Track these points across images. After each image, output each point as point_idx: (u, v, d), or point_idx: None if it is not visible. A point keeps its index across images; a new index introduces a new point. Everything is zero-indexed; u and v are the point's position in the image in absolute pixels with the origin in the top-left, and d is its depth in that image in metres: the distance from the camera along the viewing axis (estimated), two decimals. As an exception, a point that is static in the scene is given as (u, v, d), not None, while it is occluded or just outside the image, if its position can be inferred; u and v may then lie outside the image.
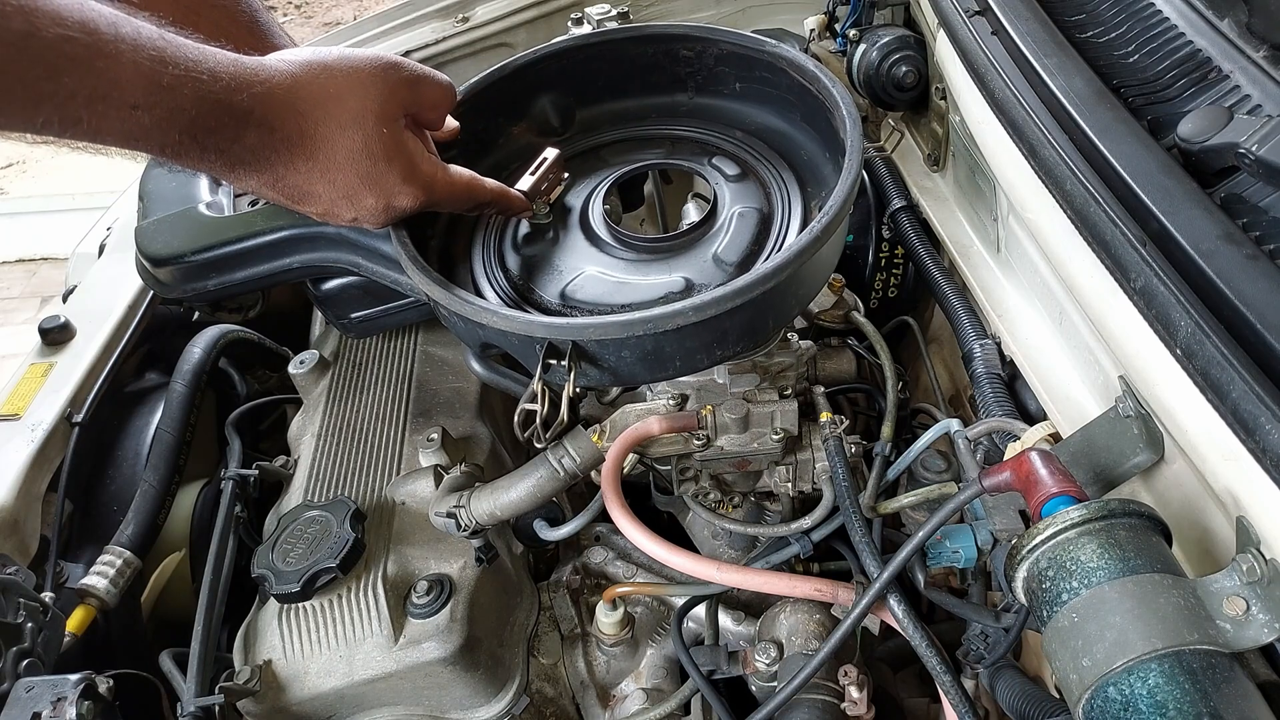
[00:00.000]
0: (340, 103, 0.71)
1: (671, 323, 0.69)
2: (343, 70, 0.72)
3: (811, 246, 0.72)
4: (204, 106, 0.64)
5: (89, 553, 1.03)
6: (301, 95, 0.70)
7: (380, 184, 0.75)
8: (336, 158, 0.72)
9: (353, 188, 0.74)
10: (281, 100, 0.69)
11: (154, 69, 0.61)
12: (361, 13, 5.83)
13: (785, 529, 0.90)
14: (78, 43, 0.57)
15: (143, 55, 0.60)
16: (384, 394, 1.10)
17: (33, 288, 3.86)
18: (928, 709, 0.92)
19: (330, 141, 0.72)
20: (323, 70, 0.71)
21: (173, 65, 0.62)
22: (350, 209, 0.76)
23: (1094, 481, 0.72)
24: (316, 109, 0.70)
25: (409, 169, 0.76)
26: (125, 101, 0.60)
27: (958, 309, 1.07)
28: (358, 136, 0.72)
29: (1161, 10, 0.90)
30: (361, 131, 0.72)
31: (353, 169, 0.73)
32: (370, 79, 0.73)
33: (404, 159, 0.76)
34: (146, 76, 0.60)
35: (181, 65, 0.62)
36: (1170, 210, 0.69)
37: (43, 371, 1.16)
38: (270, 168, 0.71)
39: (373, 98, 0.73)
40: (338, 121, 0.71)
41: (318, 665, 0.85)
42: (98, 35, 0.58)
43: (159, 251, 1.01)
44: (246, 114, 0.67)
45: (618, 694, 0.99)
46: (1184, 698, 0.50)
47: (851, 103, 0.82)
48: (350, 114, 0.72)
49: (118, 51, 0.59)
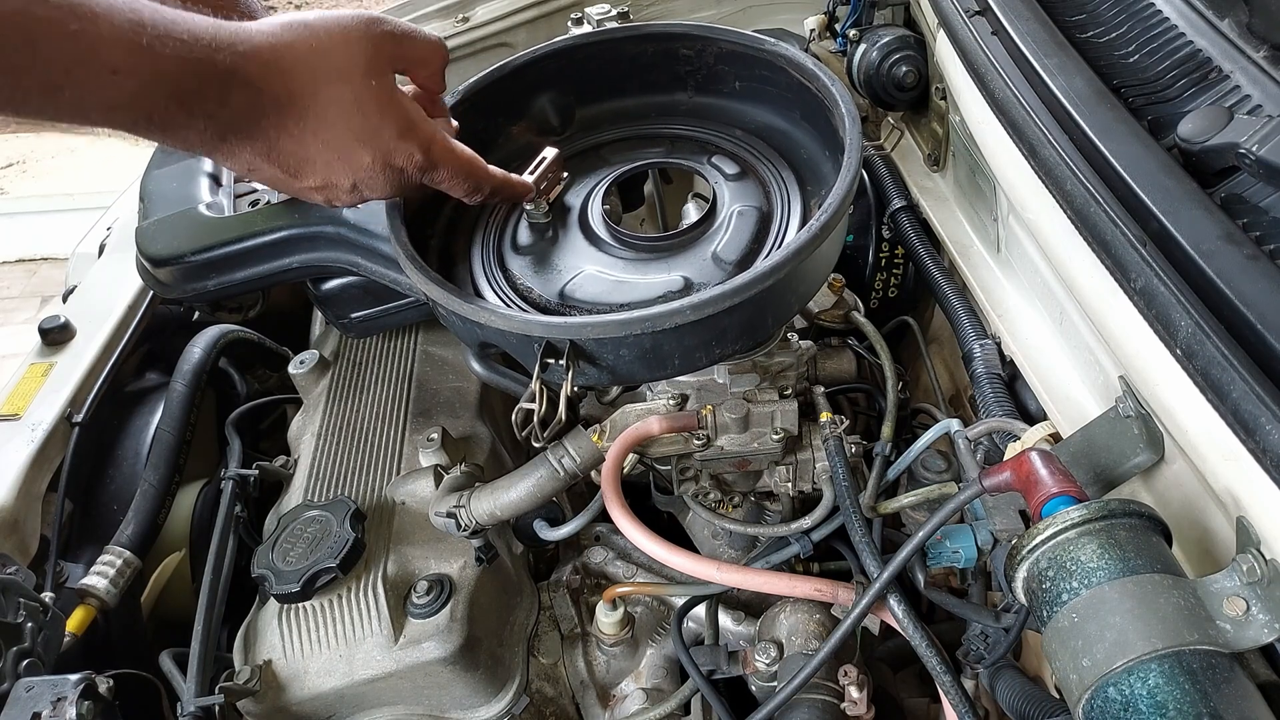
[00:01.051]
0: (325, 57, 0.70)
1: (670, 321, 0.69)
2: (325, 27, 0.70)
3: (810, 244, 0.71)
4: (186, 67, 0.62)
5: (89, 553, 1.03)
6: (284, 54, 0.68)
7: (375, 139, 0.73)
8: (328, 114, 0.71)
9: (347, 145, 0.72)
10: (266, 59, 0.67)
11: (132, 29, 0.59)
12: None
13: (785, 529, 0.90)
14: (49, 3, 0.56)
15: (119, 17, 0.59)
16: (384, 394, 1.10)
17: (33, 288, 3.86)
18: (928, 709, 0.92)
19: (318, 97, 0.70)
20: (305, 28, 0.70)
21: (151, 27, 0.61)
22: (348, 173, 0.74)
23: (1094, 481, 0.72)
24: (301, 65, 0.69)
25: (404, 123, 0.74)
26: (105, 65, 0.59)
27: (958, 309, 1.07)
28: (346, 90, 0.70)
29: (1161, 10, 0.90)
30: (350, 85, 0.70)
31: (345, 124, 0.71)
32: (354, 33, 0.71)
33: (397, 112, 0.73)
34: (125, 38, 0.59)
35: (160, 27, 0.61)
36: (1170, 210, 0.69)
37: (43, 371, 1.16)
38: (262, 134, 0.69)
39: (358, 51, 0.71)
40: (324, 76, 0.69)
41: (318, 665, 0.85)
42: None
43: (159, 252, 1.01)
44: (230, 73, 0.65)
45: (618, 694, 0.99)
46: (1184, 698, 0.50)
47: (851, 101, 0.82)
48: (336, 68, 0.70)
49: (92, 13, 0.58)
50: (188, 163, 1.14)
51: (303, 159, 0.72)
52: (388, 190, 0.77)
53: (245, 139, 0.69)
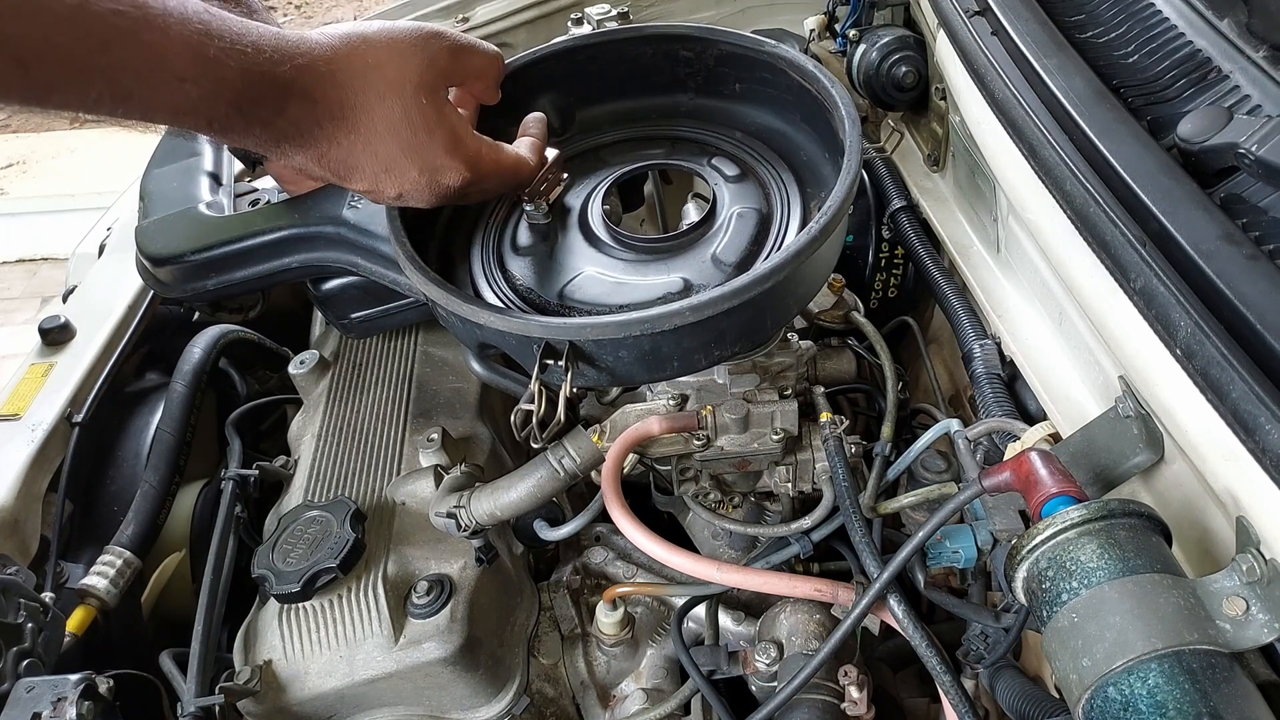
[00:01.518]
0: (379, 72, 0.71)
1: (669, 323, 0.69)
2: (382, 40, 0.72)
3: (809, 247, 0.71)
4: (249, 79, 0.64)
5: (89, 553, 1.03)
6: (341, 66, 0.70)
7: (423, 156, 0.74)
8: (377, 128, 0.72)
9: (394, 159, 0.74)
10: (322, 72, 0.69)
11: (200, 41, 0.61)
12: (361, 12, 5.84)
13: (785, 529, 0.90)
14: (127, 15, 0.58)
15: (189, 28, 0.61)
16: (384, 394, 1.10)
17: (33, 288, 3.86)
18: (928, 709, 0.92)
19: (370, 111, 0.71)
20: (361, 41, 0.71)
21: (218, 38, 0.62)
22: (394, 184, 0.75)
23: (1094, 481, 0.72)
24: (356, 79, 0.70)
25: (453, 142, 0.75)
26: (174, 74, 0.61)
27: (958, 309, 1.07)
28: (397, 106, 0.72)
29: (1161, 10, 0.90)
30: (401, 101, 0.72)
31: (394, 139, 0.73)
32: (410, 47, 0.73)
33: (447, 131, 0.75)
34: (193, 49, 0.61)
35: (226, 38, 0.63)
36: (1170, 210, 0.69)
37: (43, 371, 1.16)
38: (315, 142, 0.71)
39: (412, 66, 0.72)
40: (377, 91, 0.71)
41: (318, 665, 0.85)
42: (146, 8, 0.59)
43: (159, 251, 1.01)
44: (289, 85, 0.67)
45: (618, 694, 0.99)
46: (1184, 698, 0.50)
47: (851, 103, 0.82)
48: (389, 83, 0.71)
49: (165, 24, 0.60)
50: (188, 162, 1.14)
51: (351, 166, 0.73)
52: (433, 201, 0.78)
53: (299, 146, 0.71)
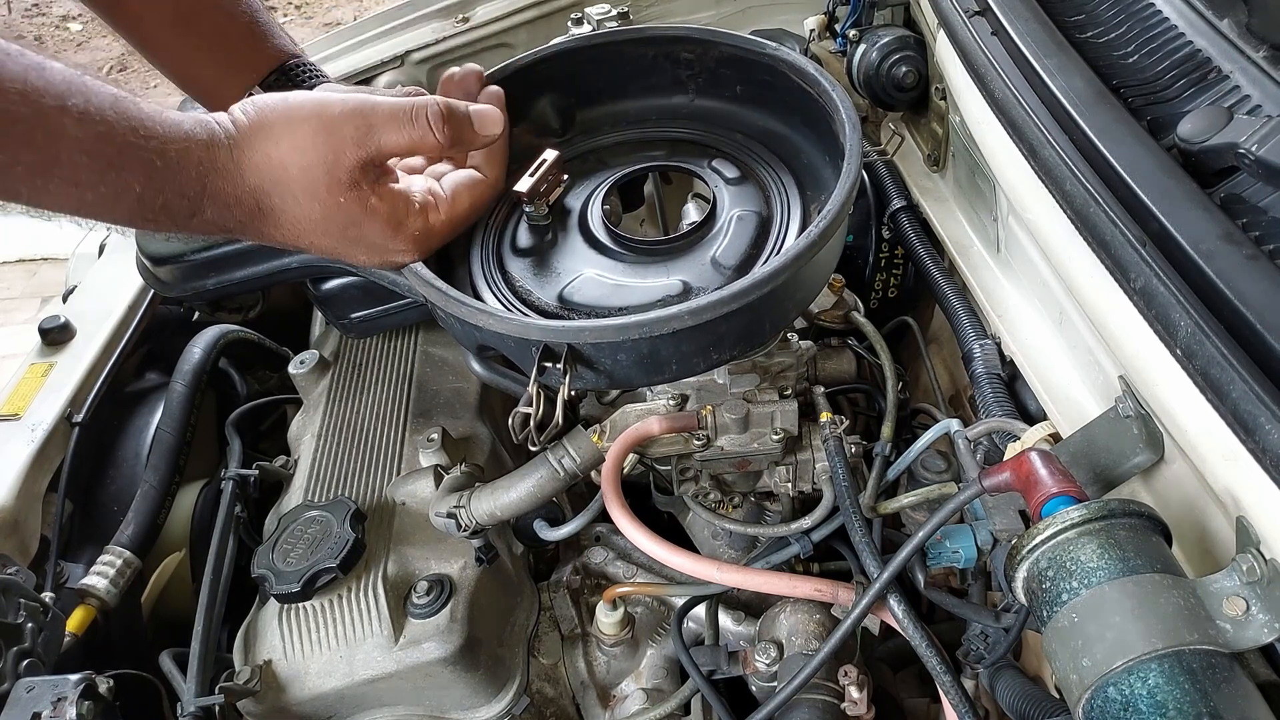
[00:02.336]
0: (286, 172, 0.66)
1: (667, 326, 0.69)
2: (284, 134, 0.66)
3: (808, 251, 0.71)
4: (153, 186, 0.60)
5: (89, 553, 1.03)
6: (248, 168, 0.65)
7: (363, 244, 0.71)
8: (302, 228, 0.68)
9: (337, 249, 0.71)
10: (230, 175, 0.64)
11: (99, 147, 0.57)
12: (361, 13, 5.83)
13: (785, 529, 0.90)
14: (17, 115, 0.54)
15: (88, 132, 0.57)
16: (384, 394, 1.10)
17: (33, 288, 3.86)
18: (928, 709, 0.92)
19: (290, 215, 0.67)
20: (265, 134, 0.66)
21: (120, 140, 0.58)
22: (352, 260, 0.73)
23: (1094, 481, 0.72)
24: (265, 182, 0.66)
25: (391, 228, 0.71)
26: (67, 179, 0.57)
27: (958, 309, 1.07)
28: (315, 208, 0.67)
29: (1161, 10, 0.90)
30: (317, 203, 0.67)
31: (326, 236, 0.69)
32: (311, 144, 0.66)
33: (379, 221, 0.70)
34: (90, 154, 0.57)
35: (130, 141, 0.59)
36: (1170, 210, 0.69)
37: (43, 371, 1.16)
38: (246, 233, 0.68)
39: (317, 166, 0.66)
40: (290, 193, 0.66)
41: (318, 665, 0.85)
42: (40, 106, 0.55)
43: (159, 250, 1.01)
44: (199, 192, 0.63)
45: (618, 694, 0.99)
46: (1184, 698, 0.50)
47: (851, 107, 0.82)
48: (299, 185, 0.66)
49: (61, 126, 0.56)
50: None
51: (300, 246, 0.71)
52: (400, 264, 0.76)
53: (232, 235, 0.69)
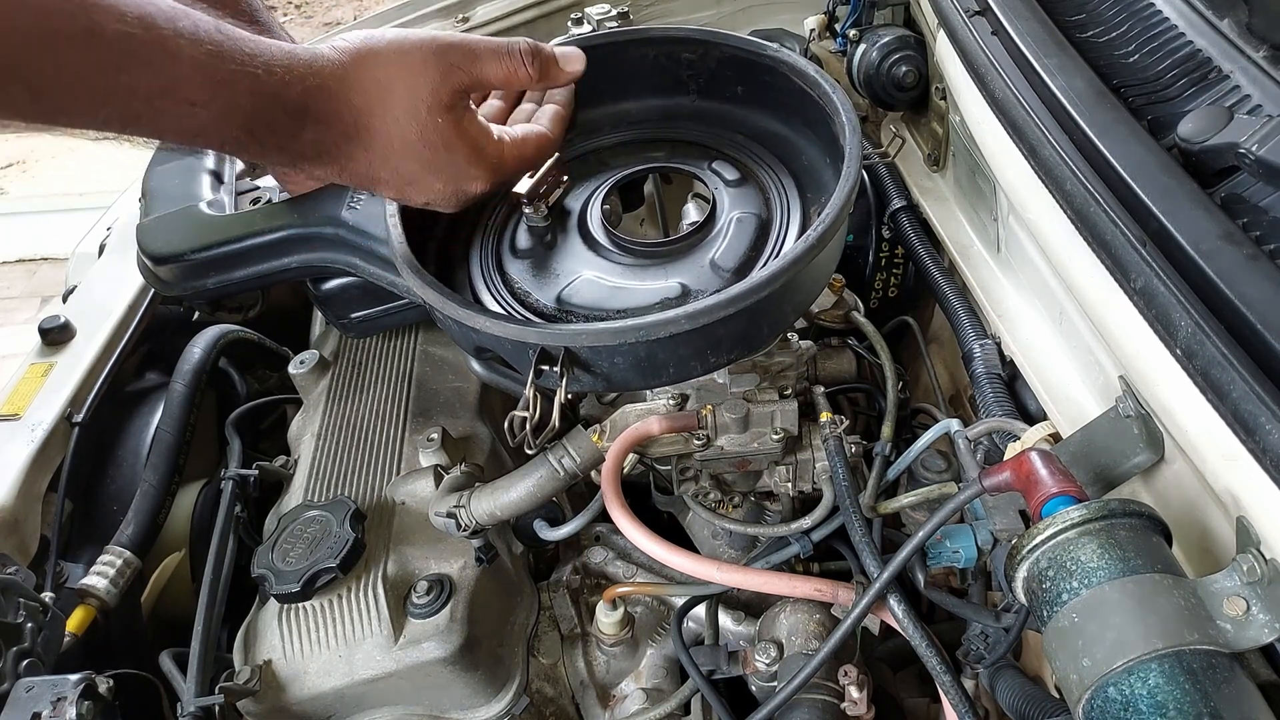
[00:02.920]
0: (391, 93, 0.70)
1: (664, 330, 0.69)
2: (393, 56, 0.70)
3: (807, 255, 0.71)
4: (260, 102, 0.64)
5: (89, 553, 1.02)
6: (353, 88, 0.69)
7: (445, 170, 0.74)
8: (394, 147, 0.72)
9: (416, 174, 0.74)
10: (335, 93, 0.68)
11: (211, 64, 0.60)
12: (362, 12, 5.83)
13: (785, 529, 0.90)
14: (137, 39, 0.57)
15: (200, 51, 0.60)
16: (384, 394, 1.10)
17: (33, 288, 3.86)
18: (928, 709, 0.92)
19: (385, 134, 0.71)
20: (374, 59, 0.70)
21: (229, 60, 0.61)
22: (419, 194, 0.76)
23: (1094, 481, 0.72)
24: (369, 100, 0.69)
25: (474, 153, 0.75)
26: (184, 98, 0.60)
27: (958, 309, 1.07)
28: (412, 127, 0.71)
29: (1161, 10, 0.90)
30: (415, 121, 0.71)
31: (413, 158, 0.73)
32: (422, 64, 0.71)
33: (467, 144, 0.74)
34: (204, 72, 0.60)
35: (238, 60, 0.62)
36: (1170, 210, 0.69)
37: (43, 371, 1.16)
38: (333, 160, 0.71)
39: (424, 85, 0.71)
40: (391, 113, 0.70)
41: (318, 665, 0.85)
42: (157, 31, 0.58)
43: (159, 249, 1.01)
44: (302, 110, 0.66)
45: (618, 694, 0.99)
46: (1184, 698, 0.50)
47: (851, 109, 0.82)
48: (402, 103, 0.70)
49: (177, 47, 0.59)
50: (190, 160, 1.14)
51: (374, 179, 0.74)
52: (459, 206, 0.79)
53: (318, 164, 0.71)
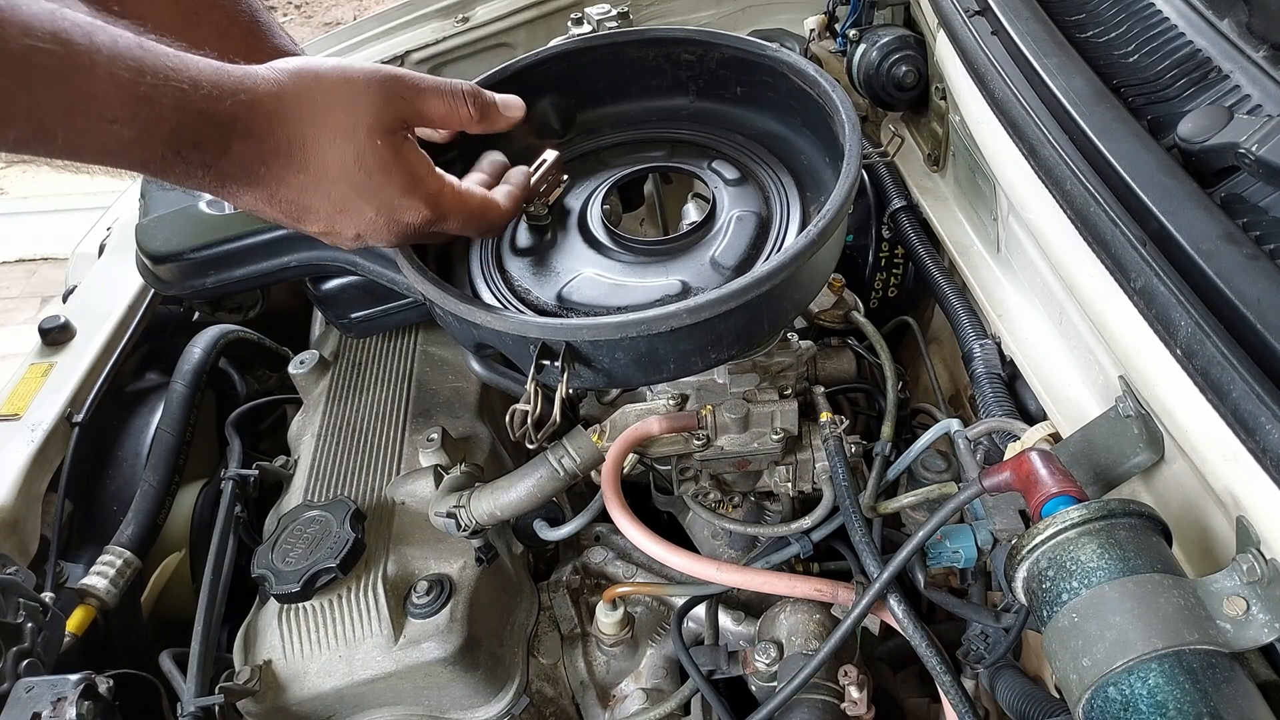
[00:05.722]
0: (330, 113, 0.68)
1: (665, 324, 0.69)
2: (334, 79, 0.69)
3: (807, 250, 0.71)
4: (185, 116, 0.61)
5: (89, 553, 1.03)
6: (289, 104, 0.66)
7: (378, 196, 0.72)
8: (329, 170, 0.69)
9: (349, 201, 0.71)
10: (268, 108, 0.65)
11: (131, 79, 0.58)
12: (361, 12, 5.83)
13: (785, 529, 0.90)
14: (49, 54, 0.55)
15: (119, 65, 0.57)
16: (384, 394, 1.10)
17: (33, 288, 3.86)
18: (928, 709, 0.92)
19: (321, 153, 0.68)
20: (313, 79, 0.68)
21: (151, 74, 0.59)
22: (351, 224, 0.73)
23: (1094, 481, 0.72)
24: (305, 118, 0.67)
25: (410, 182, 0.73)
26: (102, 115, 0.57)
27: (958, 309, 1.07)
28: (349, 149, 0.69)
29: (1161, 10, 0.90)
30: (353, 143, 0.69)
31: (347, 182, 0.70)
32: (364, 89, 0.70)
33: (404, 170, 0.72)
34: (123, 87, 0.58)
35: (160, 74, 0.59)
36: (1170, 210, 0.69)
37: (43, 371, 1.16)
38: (262, 182, 0.68)
39: (365, 108, 0.69)
40: (328, 132, 0.68)
41: (317, 665, 0.85)
42: (70, 45, 0.56)
43: (159, 249, 1.02)
44: (230, 123, 0.63)
45: (618, 694, 0.99)
46: (1184, 698, 0.50)
47: (851, 108, 0.82)
48: (341, 125, 0.68)
49: (92, 62, 0.56)
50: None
51: (304, 207, 0.71)
52: (392, 240, 0.76)
53: (246, 185, 0.68)
